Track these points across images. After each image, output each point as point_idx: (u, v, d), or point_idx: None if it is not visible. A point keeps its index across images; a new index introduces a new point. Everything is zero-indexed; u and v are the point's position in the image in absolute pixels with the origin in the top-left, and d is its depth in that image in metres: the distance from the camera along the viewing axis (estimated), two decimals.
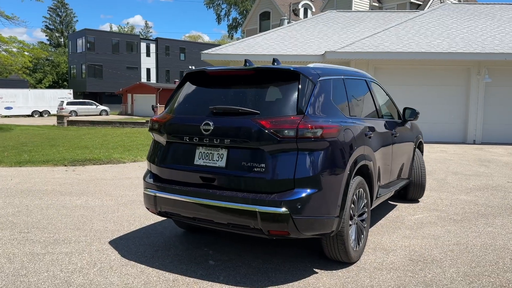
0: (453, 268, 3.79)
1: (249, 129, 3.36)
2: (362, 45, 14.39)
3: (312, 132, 3.30)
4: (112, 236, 4.60)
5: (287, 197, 3.24)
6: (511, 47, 14.04)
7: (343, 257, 3.75)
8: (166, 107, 4.08)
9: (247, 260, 3.93)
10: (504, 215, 5.57)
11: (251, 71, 3.66)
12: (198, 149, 3.64)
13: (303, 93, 3.47)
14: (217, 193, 3.43)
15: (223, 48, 15.93)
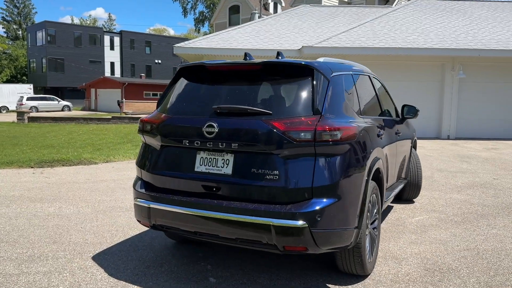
0: (473, 278, 3.55)
1: (260, 131, 2.97)
2: (339, 40, 14.20)
3: (331, 134, 2.94)
4: (95, 250, 4.11)
5: (305, 208, 2.88)
6: (484, 43, 14.21)
7: (358, 271, 3.43)
8: (158, 106, 3.63)
9: (252, 276, 3.54)
10: (503, 215, 5.42)
11: (258, 66, 3.25)
12: (199, 154, 3.21)
13: (318, 91, 3.11)
14: (224, 204, 3.02)
15: (196, 41, 15.38)
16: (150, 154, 3.47)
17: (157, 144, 3.39)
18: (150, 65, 63.30)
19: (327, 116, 3.03)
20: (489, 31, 15.54)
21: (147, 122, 3.48)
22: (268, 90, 3.23)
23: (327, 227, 2.92)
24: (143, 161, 3.54)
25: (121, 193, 6.41)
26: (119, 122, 29.42)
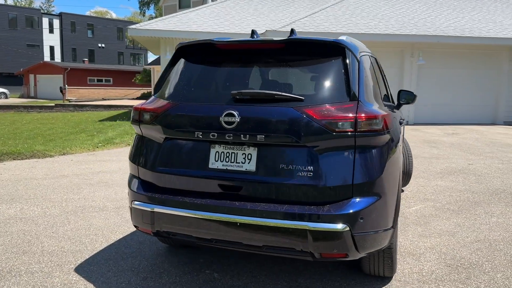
0: (499, 273, 3.35)
1: (291, 121, 2.53)
2: (303, 25, 13.89)
3: (373, 123, 2.57)
4: (76, 260, 3.52)
5: (346, 209, 2.49)
6: (443, 30, 14.46)
7: (386, 272, 3.12)
8: (156, 91, 3.08)
9: (268, 284, 3.14)
10: (495, 202, 5.36)
11: (281, 44, 2.79)
12: (213, 148, 2.73)
13: (351, 73, 2.70)
14: (248, 207, 2.57)
15: (153, 23, 14.49)
16: (150, 149, 2.94)
17: (160, 136, 2.87)
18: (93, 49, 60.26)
19: (364, 103, 2.65)
20: (446, 17, 15.86)
21: (145, 111, 2.93)
22: (293, 72, 2.80)
23: (368, 230, 2.57)
24: (140, 157, 3.00)
25: (89, 190, 5.74)
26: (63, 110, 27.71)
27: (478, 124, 15.01)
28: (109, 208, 4.96)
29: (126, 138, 10.38)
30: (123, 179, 6.34)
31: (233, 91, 2.65)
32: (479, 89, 15.32)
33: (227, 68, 2.94)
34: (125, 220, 4.54)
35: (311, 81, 2.74)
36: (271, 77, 2.78)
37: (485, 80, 15.33)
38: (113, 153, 8.65)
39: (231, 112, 2.60)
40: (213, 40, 2.92)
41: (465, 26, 15.08)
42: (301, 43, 2.80)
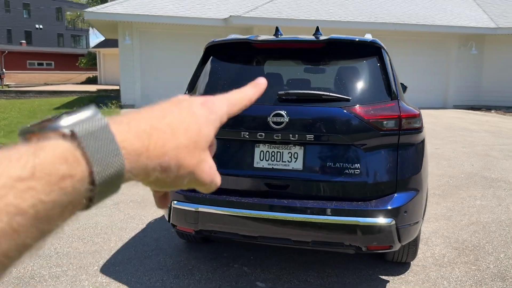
0: (502, 254, 3.68)
1: (340, 120, 2.63)
2: (266, 10, 13.91)
3: (414, 121, 2.73)
4: (97, 261, 3.45)
5: (392, 204, 2.64)
6: (399, 18, 15.03)
7: (409, 259, 3.34)
8: (191, 89, 3.05)
9: (299, 276, 3.25)
10: (474, 185, 5.78)
11: (321, 43, 2.85)
12: (258, 148, 2.77)
13: (389, 72, 2.84)
14: (297, 205, 2.65)
15: (110, 6, 13.89)
16: None
17: None
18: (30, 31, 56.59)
19: (401, 101, 2.79)
20: (401, 5, 16.47)
21: None
22: (334, 71, 2.88)
23: (409, 222, 2.73)
24: None
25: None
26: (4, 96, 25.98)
27: (430, 108, 15.85)
28: (108, 204, 4.84)
29: None
30: None
31: (280, 92, 2.69)
32: (431, 75, 16.15)
33: (267, 67, 2.96)
34: (130, 216, 4.47)
35: (353, 81, 2.84)
36: (313, 77, 2.85)
37: (437, 66, 16.18)
38: None
39: (280, 113, 2.64)
40: (249, 39, 2.92)
41: (418, 14, 15.76)
42: (339, 43, 2.88)
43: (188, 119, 0.44)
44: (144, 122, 0.40)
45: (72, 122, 0.35)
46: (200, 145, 0.44)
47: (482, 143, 8.93)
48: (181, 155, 0.42)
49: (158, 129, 0.40)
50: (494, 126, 11.53)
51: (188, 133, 0.43)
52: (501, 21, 15.98)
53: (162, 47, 14.65)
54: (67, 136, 0.34)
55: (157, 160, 0.39)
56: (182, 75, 14.45)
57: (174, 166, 0.41)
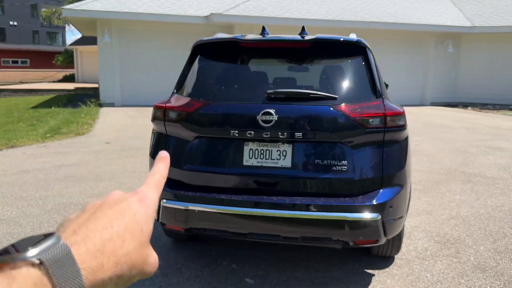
0: (481, 246, 3.80)
1: (327, 119, 2.68)
2: (247, 8, 13.93)
3: (399, 119, 2.80)
4: None
5: (378, 200, 2.71)
6: (378, 16, 15.24)
7: (394, 252, 3.42)
8: (179, 89, 3.06)
9: (287, 271, 3.30)
10: (453, 181, 5.94)
11: (307, 43, 2.90)
12: (247, 146, 2.80)
13: (373, 71, 2.91)
14: (287, 201, 2.69)
15: (89, 3, 13.68)
16: (177, 147, 2.93)
17: (190, 135, 2.87)
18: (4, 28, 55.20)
19: (386, 99, 2.87)
20: (380, 4, 16.70)
21: (171, 109, 2.91)
22: (320, 70, 2.93)
23: (394, 217, 2.81)
24: None
25: (61, 186, 5.48)
26: None
27: (409, 105, 16.13)
28: None
29: (73, 127, 9.87)
30: (91, 173, 6.11)
31: (269, 90, 2.73)
32: (410, 73, 16.45)
33: (254, 66, 3.00)
34: None
35: (339, 80, 2.89)
36: (299, 76, 2.90)
37: (415, 64, 16.48)
38: (66, 144, 8.22)
39: (269, 111, 2.68)
40: (237, 38, 2.95)
41: (397, 13, 16.02)
42: (325, 43, 2.93)
43: (131, 224, 0.47)
44: (97, 237, 0.44)
45: (38, 251, 0.40)
46: (144, 243, 0.48)
47: (460, 139, 9.16)
48: (132, 258, 0.46)
49: (110, 241, 0.45)
50: (470, 123, 11.83)
51: (134, 237, 0.47)
52: (476, 20, 16.38)
53: (142, 44, 14.52)
54: (36, 265, 0.39)
55: (112, 271, 0.44)
56: (163, 72, 14.39)
57: (127, 270, 0.46)
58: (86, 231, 0.45)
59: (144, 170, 6.26)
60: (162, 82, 14.08)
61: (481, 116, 13.52)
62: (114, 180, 5.74)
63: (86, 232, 0.45)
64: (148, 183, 0.55)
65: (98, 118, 11.67)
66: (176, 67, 11.61)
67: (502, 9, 16.89)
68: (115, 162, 6.78)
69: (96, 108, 13.72)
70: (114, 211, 0.48)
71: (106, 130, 9.81)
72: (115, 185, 5.53)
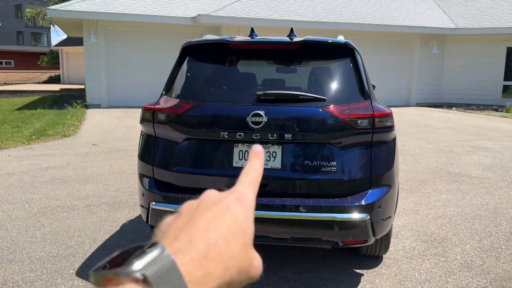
0: (467, 245, 3.86)
1: (317, 120, 2.70)
2: (235, 10, 13.92)
3: (386, 120, 2.83)
4: (72, 265, 3.40)
5: (367, 200, 2.74)
6: (364, 18, 15.37)
7: (382, 252, 3.46)
8: (168, 90, 3.05)
9: (278, 272, 3.31)
10: (439, 180, 6.02)
11: (296, 45, 2.92)
12: (237, 147, 2.81)
13: (361, 73, 2.94)
14: (276, 202, 2.71)
15: (75, 3, 13.53)
16: (166, 149, 2.93)
17: (179, 137, 2.87)
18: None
19: (374, 101, 2.90)
20: (366, 6, 16.84)
21: (160, 111, 2.90)
22: (309, 72, 2.95)
23: (382, 217, 2.85)
24: (153, 157, 2.97)
25: (47, 189, 5.41)
26: None
27: (394, 106, 16.29)
28: (79, 206, 4.76)
29: (59, 129, 9.75)
30: (78, 175, 6.05)
31: (259, 92, 2.74)
32: (396, 74, 16.61)
33: (243, 68, 3.00)
34: (103, 218, 4.41)
35: (327, 81, 2.92)
36: (288, 77, 2.91)
37: (401, 65, 16.66)
38: (52, 146, 8.13)
39: (259, 113, 2.69)
40: (226, 40, 2.96)
41: (383, 14, 16.17)
42: (314, 44, 2.95)
43: (233, 225, 0.44)
44: (200, 242, 0.40)
45: (143, 265, 0.36)
46: (248, 245, 0.45)
47: (445, 139, 9.29)
48: (238, 262, 0.42)
49: (215, 245, 0.41)
50: (455, 123, 11.99)
51: (238, 239, 0.43)
52: (460, 22, 16.63)
53: (128, 45, 14.42)
54: (140, 281, 0.36)
55: (221, 279, 0.40)
56: (150, 74, 14.32)
57: (236, 276, 0.42)
58: (188, 236, 0.41)
59: (131, 172, 6.22)
60: (149, 83, 14.03)
61: (466, 116, 13.72)
62: (102, 182, 5.70)
63: (188, 237, 0.41)
64: (243, 181, 0.51)
65: (84, 120, 11.55)
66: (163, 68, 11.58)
67: (485, 11, 17.17)
68: (102, 164, 6.72)
69: (82, 109, 13.58)
70: (214, 212, 0.44)
71: (93, 132, 9.73)
72: (102, 187, 5.48)
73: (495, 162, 7.12)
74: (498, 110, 15.11)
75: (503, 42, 16.37)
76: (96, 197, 5.10)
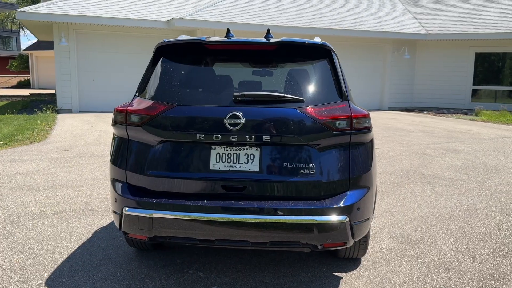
0: (444, 246, 3.89)
1: (295, 121, 2.66)
2: (210, 13, 13.85)
3: (364, 121, 2.82)
4: (40, 274, 3.24)
5: (346, 202, 2.72)
6: (338, 23, 15.54)
7: (360, 255, 3.44)
8: (141, 92, 2.95)
9: (255, 277, 3.25)
10: (414, 182, 6.09)
11: (272, 46, 2.88)
12: (214, 150, 2.73)
13: (338, 74, 2.92)
14: (255, 206, 2.65)
15: (45, 6, 13.17)
16: (140, 152, 2.83)
17: (153, 139, 2.77)
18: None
19: (351, 102, 2.88)
20: (339, 12, 17.05)
21: (133, 113, 2.81)
22: (286, 73, 2.91)
23: (361, 219, 2.82)
24: (126, 161, 2.86)
25: (15, 196, 5.20)
26: None
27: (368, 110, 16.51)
28: (49, 214, 4.57)
29: (28, 135, 9.43)
30: (49, 181, 5.84)
31: (236, 93, 2.68)
32: (368, 78, 16.85)
33: (219, 69, 2.94)
34: (74, 226, 4.25)
35: (305, 82, 2.88)
36: (265, 79, 2.87)
37: (374, 70, 16.92)
38: (21, 152, 7.84)
39: (236, 114, 2.63)
40: (202, 40, 2.89)
41: (356, 20, 16.40)
42: (291, 46, 2.92)
43: None
44: None
45: None
46: None
47: (418, 142, 9.44)
48: None
49: None
50: (427, 126, 12.22)
51: None
52: (430, 28, 17.02)
53: (101, 49, 14.14)
54: None
55: None
56: (122, 77, 14.08)
57: None
58: None
59: (104, 178, 6.05)
60: (121, 87, 13.79)
61: (437, 120, 14.02)
62: (73, 189, 5.51)
63: None
64: None
65: (54, 125, 11.23)
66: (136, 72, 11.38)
67: (454, 17, 17.65)
68: (73, 170, 6.51)
69: (53, 114, 13.21)
70: None
71: (63, 137, 9.45)
72: (73, 193, 5.30)
73: (467, 164, 7.26)
74: (468, 114, 15.50)
75: (471, 47, 16.85)
76: (67, 203, 4.92)
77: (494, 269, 3.43)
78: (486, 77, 17.24)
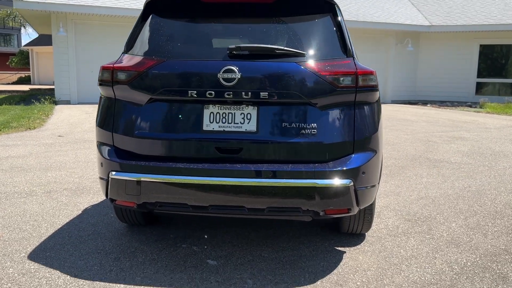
0: (453, 223, 3.68)
1: (296, 77, 2.45)
2: None
3: (370, 79, 2.60)
4: (24, 248, 3.04)
5: (350, 165, 2.50)
6: None
7: (364, 229, 3.23)
8: (129, 48, 2.75)
9: (253, 251, 3.04)
10: (419, 166, 5.87)
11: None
12: (207, 109, 2.53)
13: (342, 30, 2.71)
14: (252, 168, 2.44)
15: None
16: (128, 112, 2.62)
17: (142, 98, 2.57)
18: None
19: (356, 59, 2.67)
20: (342, 3, 16.80)
21: (120, 70, 2.60)
22: (286, 27, 2.69)
23: (367, 184, 2.61)
24: (113, 122, 2.66)
25: (4, 176, 5.00)
26: None
27: None
28: (38, 192, 4.38)
29: (23, 122, 9.24)
30: (40, 163, 5.64)
31: (231, 46, 2.47)
32: None
33: (214, 24, 2.73)
34: (64, 203, 4.05)
35: (306, 37, 2.67)
36: (265, 33, 2.65)
37: (376, 62, 16.66)
38: (15, 137, 7.65)
39: (231, 68, 2.42)
40: None
41: (358, 11, 16.17)
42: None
43: None
44: None
45: None
46: None
47: (423, 131, 9.22)
48: None
49: None
50: (431, 117, 12.00)
51: None
52: (434, 20, 16.78)
53: (99, 39, 13.93)
54: None
55: None
56: None
57: None
58: None
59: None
60: None
61: (441, 112, 13.78)
62: (65, 170, 5.31)
63: None
64: None
65: (52, 114, 11.05)
66: None
67: (458, 9, 17.40)
68: (67, 154, 6.32)
69: (50, 105, 13.02)
70: None
71: (60, 125, 9.26)
72: (65, 174, 5.10)
73: (473, 150, 7.04)
74: (472, 107, 15.26)
75: (476, 39, 16.60)
76: (58, 183, 4.72)
77: (508, 245, 3.22)
78: (490, 70, 16.99)
